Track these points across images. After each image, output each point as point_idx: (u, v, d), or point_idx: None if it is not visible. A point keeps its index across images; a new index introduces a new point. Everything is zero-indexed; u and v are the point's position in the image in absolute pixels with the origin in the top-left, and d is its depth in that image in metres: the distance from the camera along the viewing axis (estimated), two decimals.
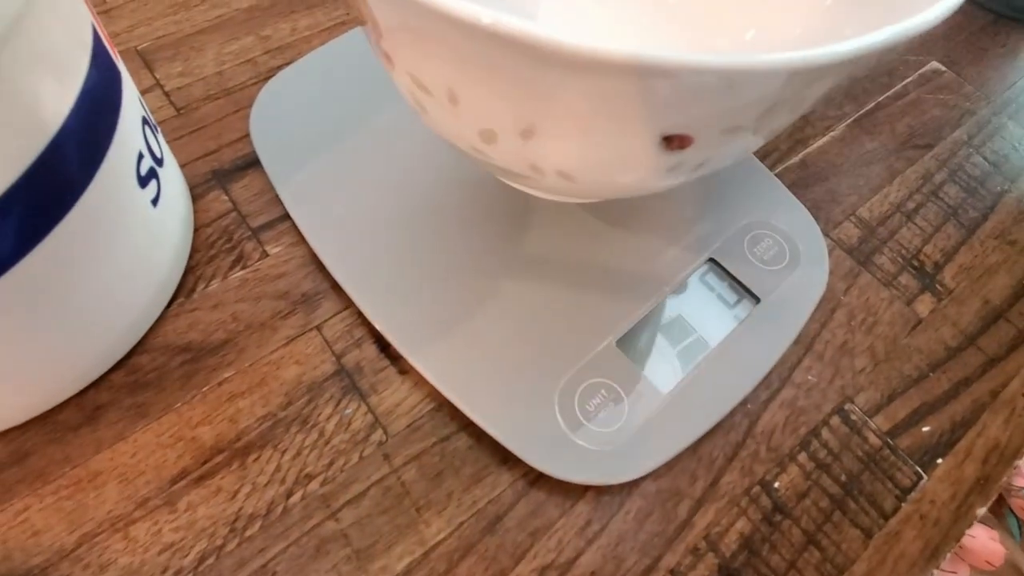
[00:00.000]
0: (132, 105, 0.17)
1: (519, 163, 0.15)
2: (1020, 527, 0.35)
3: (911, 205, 0.26)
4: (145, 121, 0.18)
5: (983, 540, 0.34)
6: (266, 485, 0.18)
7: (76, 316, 0.17)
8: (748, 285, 0.22)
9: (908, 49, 0.32)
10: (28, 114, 0.13)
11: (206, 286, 0.21)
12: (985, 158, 0.28)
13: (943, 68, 0.31)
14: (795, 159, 0.27)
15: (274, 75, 0.26)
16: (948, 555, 0.20)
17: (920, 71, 0.31)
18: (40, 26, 0.13)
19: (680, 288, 0.21)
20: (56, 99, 0.14)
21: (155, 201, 0.18)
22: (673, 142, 0.13)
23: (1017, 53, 0.32)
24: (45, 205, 0.14)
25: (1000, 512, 0.36)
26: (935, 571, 0.19)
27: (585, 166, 0.14)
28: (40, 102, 0.13)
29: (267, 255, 0.22)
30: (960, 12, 0.34)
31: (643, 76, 0.11)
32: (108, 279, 0.17)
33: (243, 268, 0.22)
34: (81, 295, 0.16)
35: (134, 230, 0.18)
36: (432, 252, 0.21)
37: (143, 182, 0.18)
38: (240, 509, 0.18)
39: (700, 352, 0.20)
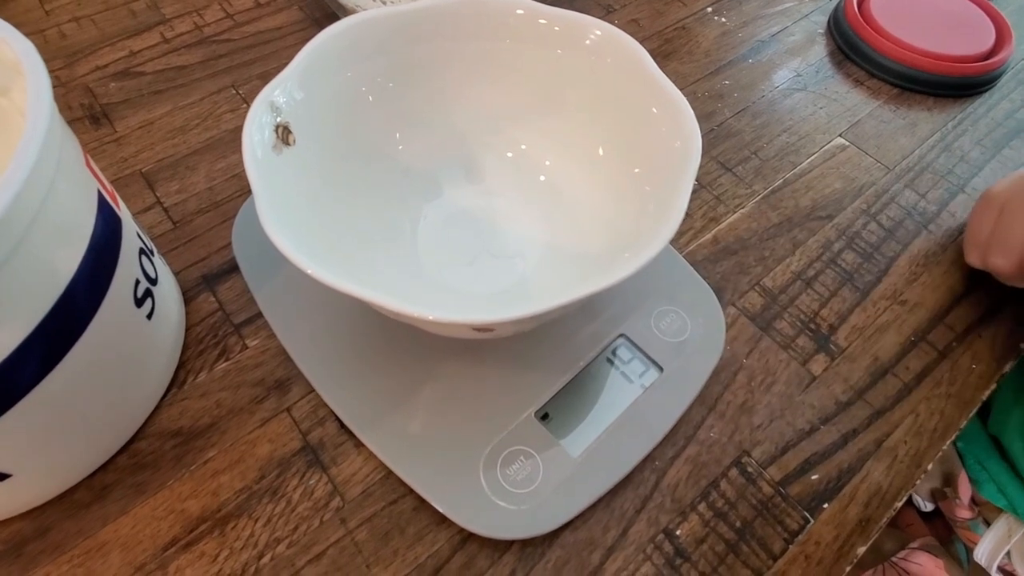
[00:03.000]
0: (131, 242, 0.22)
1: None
2: (968, 555, 0.37)
3: (811, 273, 0.30)
4: (142, 251, 0.23)
5: (930, 568, 0.36)
6: (241, 549, 0.22)
7: (87, 417, 0.21)
8: (653, 357, 0.25)
9: (814, 129, 0.36)
10: (46, 275, 0.17)
11: (195, 378, 0.25)
12: (881, 225, 0.32)
13: (846, 143, 0.35)
14: (707, 236, 0.31)
15: None
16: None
17: (824, 147, 0.35)
18: (57, 204, 0.18)
19: (594, 362, 0.25)
20: (69, 258, 0.18)
21: (150, 315, 0.23)
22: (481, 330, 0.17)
23: (917, 124, 0.36)
24: (59, 338, 0.18)
25: (947, 540, 0.38)
26: None
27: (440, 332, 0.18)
28: (56, 264, 0.18)
29: (247, 347, 0.26)
30: (865, 87, 0.38)
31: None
32: (112, 385, 0.21)
33: (226, 360, 0.26)
34: (90, 400, 0.21)
35: (132, 343, 0.22)
36: (378, 345, 0.25)
37: (139, 303, 0.22)
38: (220, 570, 0.21)
39: (608, 418, 0.24)
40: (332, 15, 0.40)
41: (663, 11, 0.41)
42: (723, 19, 0.41)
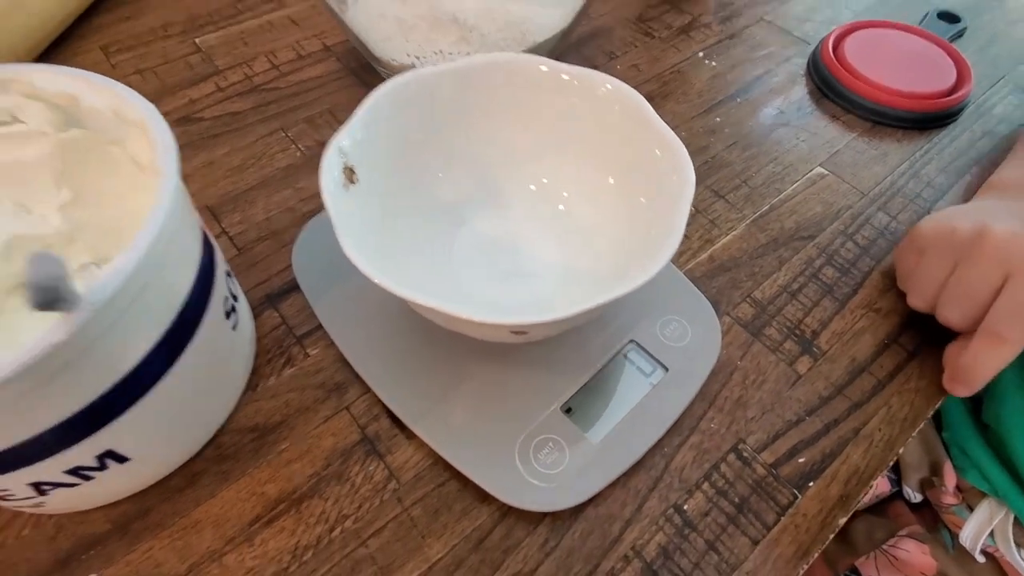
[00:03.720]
0: (220, 265, 0.26)
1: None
2: (953, 540, 0.40)
3: (795, 286, 0.34)
4: (228, 273, 0.27)
5: (916, 555, 0.40)
6: (315, 524, 0.26)
7: (187, 412, 0.25)
8: (660, 359, 0.29)
9: (797, 160, 0.40)
10: (171, 295, 0.22)
11: (266, 382, 0.29)
12: (857, 243, 0.36)
13: (826, 172, 0.40)
14: (704, 255, 0.35)
15: (308, 217, 0.35)
16: (878, 565, 0.26)
17: (806, 175, 0.39)
18: (180, 237, 0.22)
19: (609, 363, 0.29)
20: (185, 281, 0.22)
21: (234, 327, 0.27)
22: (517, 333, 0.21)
23: (888, 154, 0.41)
24: (176, 345, 0.23)
25: (935, 527, 0.42)
26: None
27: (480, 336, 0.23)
28: (177, 286, 0.22)
29: (308, 356, 0.30)
30: (841, 122, 0.43)
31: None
32: (207, 385, 0.25)
33: (291, 367, 0.30)
34: (191, 398, 0.25)
35: (222, 350, 0.26)
36: (423, 349, 0.29)
37: (227, 315, 0.26)
38: (298, 542, 0.25)
39: (623, 411, 0.28)
40: (366, 65, 0.44)
41: (659, 57, 0.46)
42: (713, 63, 0.46)
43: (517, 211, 0.31)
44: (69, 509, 0.25)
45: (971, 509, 0.39)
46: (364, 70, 0.44)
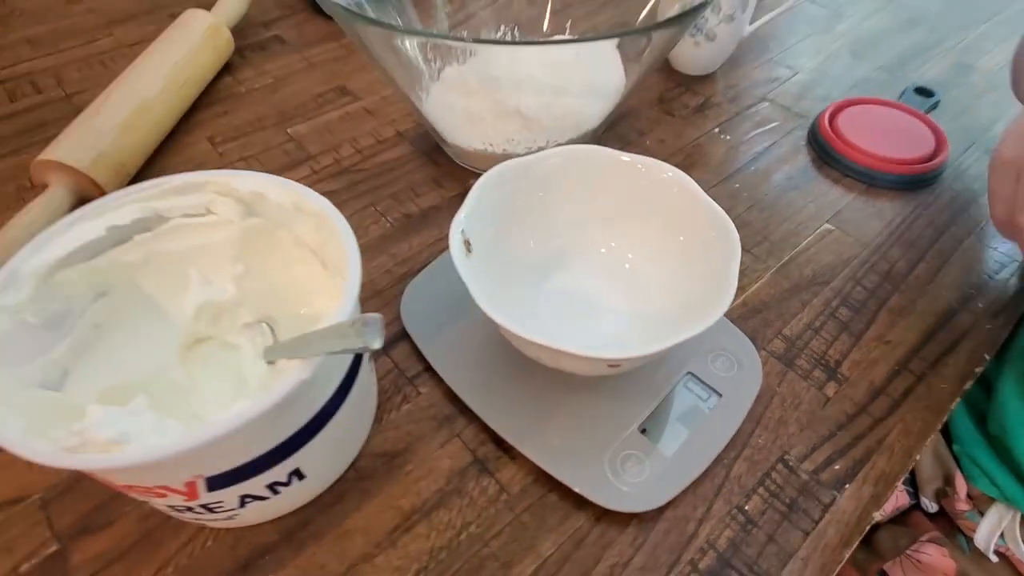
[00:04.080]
0: None
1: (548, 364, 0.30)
2: (968, 544, 0.45)
3: (817, 324, 0.41)
4: None
5: (937, 557, 0.45)
6: (444, 530, 0.31)
7: (346, 439, 0.31)
8: (713, 386, 0.35)
9: (808, 218, 0.48)
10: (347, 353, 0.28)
11: (388, 416, 0.35)
12: (864, 287, 0.43)
13: (832, 227, 0.47)
14: (739, 300, 0.42)
15: (404, 278, 0.41)
16: (904, 568, 0.31)
17: (816, 231, 0.47)
18: None
19: (672, 392, 0.35)
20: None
21: (372, 370, 0.33)
22: (612, 366, 0.28)
23: (883, 211, 0.48)
24: (348, 384, 0.29)
25: (951, 533, 0.47)
26: None
27: (576, 370, 0.29)
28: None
29: (420, 393, 0.37)
30: (841, 185, 0.50)
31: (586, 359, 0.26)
32: (358, 417, 0.31)
33: (407, 403, 0.36)
34: (350, 428, 0.31)
35: (366, 390, 0.32)
36: (523, 382, 0.35)
37: (369, 360, 0.33)
38: (432, 545, 0.31)
39: (688, 430, 0.34)
40: (436, 147, 0.52)
41: (681, 133, 0.54)
42: (727, 136, 0.54)
43: (589, 269, 0.38)
44: (252, 522, 0.31)
45: (982, 514, 0.44)
46: (434, 151, 0.52)
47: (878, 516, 0.33)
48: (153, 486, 0.24)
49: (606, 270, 0.38)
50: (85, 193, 0.44)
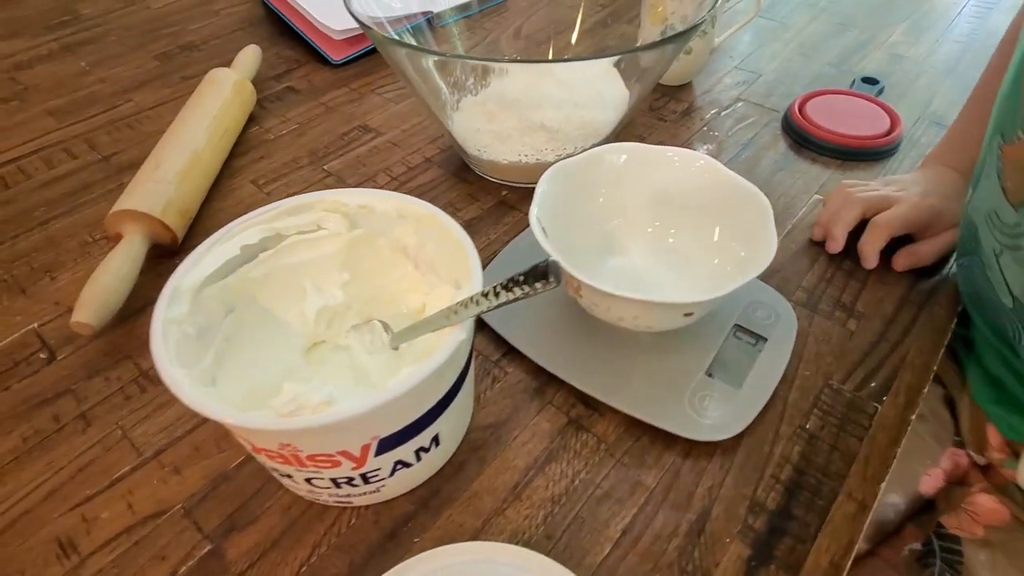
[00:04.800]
0: None
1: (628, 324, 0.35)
2: (1020, 492, 0.50)
3: (828, 275, 0.47)
4: None
5: (990, 504, 0.50)
6: (559, 479, 0.36)
7: (463, 413, 0.35)
8: (760, 332, 0.41)
9: (799, 192, 0.55)
10: (465, 352, 0.33)
11: (486, 394, 0.40)
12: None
13: (820, 198, 0.54)
14: None
15: None
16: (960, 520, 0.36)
17: (808, 202, 0.54)
18: None
19: (726, 341, 0.41)
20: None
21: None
22: (687, 315, 0.34)
23: (859, 178, 0.56)
24: (466, 369, 0.33)
25: (1003, 485, 0.52)
26: None
27: (655, 323, 0.35)
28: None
29: (507, 373, 0.41)
30: (820, 163, 0.58)
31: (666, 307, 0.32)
32: (469, 396, 0.36)
33: (497, 383, 0.40)
34: (466, 403, 0.35)
35: (471, 372, 0.37)
36: (599, 347, 0.40)
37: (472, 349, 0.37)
38: (552, 493, 0.35)
39: (747, 371, 0.39)
40: (463, 166, 0.58)
41: (676, 134, 0.62)
42: (716, 133, 0.62)
43: (640, 247, 0.44)
44: (391, 495, 0.34)
45: (1017, 456, 0.50)
46: (462, 170, 0.57)
47: (913, 417, 0.39)
48: (335, 451, 0.28)
49: (654, 247, 0.44)
50: (157, 238, 0.48)
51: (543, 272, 0.24)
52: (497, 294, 0.26)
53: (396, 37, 0.54)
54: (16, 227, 0.52)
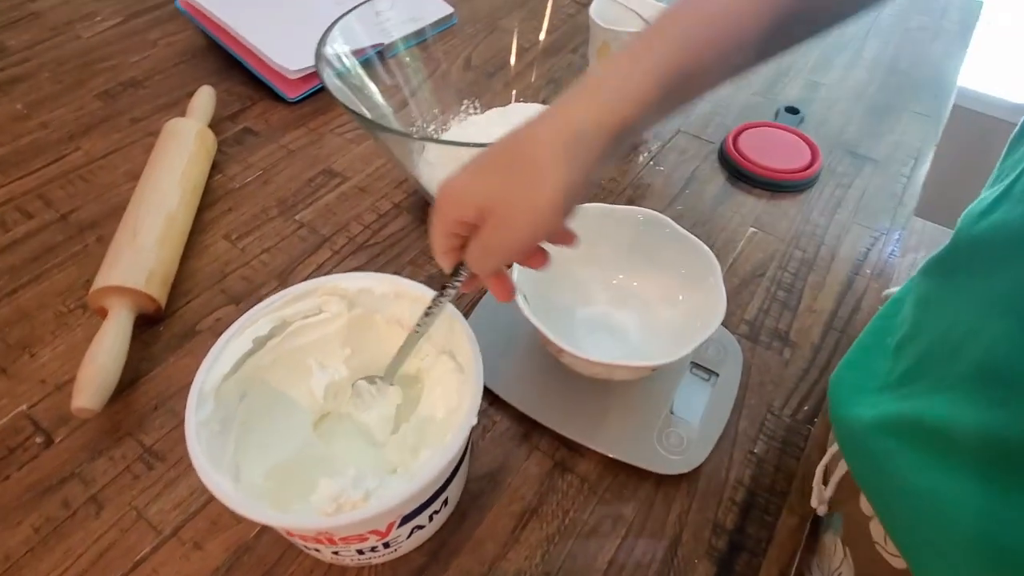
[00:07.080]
0: None
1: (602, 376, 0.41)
2: None
3: (765, 306, 0.54)
4: None
5: None
6: (551, 519, 0.41)
7: (465, 470, 0.39)
8: (712, 368, 0.48)
9: (737, 225, 0.61)
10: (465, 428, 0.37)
11: (479, 445, 0.44)
12: (789, 272, 0.57)
13: (756, 230, 0.61)
14: None
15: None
16: None
17: (746, 234, 0.61)
18: None
19: (684, 380, 0.47)
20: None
21: None
22: (654, 369, 0.39)
23: (787, 211, 0.63)
24: (466, 449, 0.37)
25: None
26: None
27: (627, 376, 0.40)
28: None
29: (495, 422, 0.45)
30: (753, 195, 0.65)
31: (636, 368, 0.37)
32: (466, 459, 0.40)
33: (488, 432, 0.45)
34: (464, 469, 0.39)
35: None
36: (577, 392, 0.45)
37: None
38: (546, 532, 0.40)
39: (703, 405, 0.45)
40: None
41: (626, 170, 0.67)
42: (661, 167, 0.67)
43: (607, 297, 0.49)
44: (405, 551, 0.38)
45: None
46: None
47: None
48: (367, 531, 0.32)
49: (620, 297, 0.49)
50: (142, 309, 0.49)
51: (458, 268, 0.33)
52: (439, 303, 0.35)
53: (350, 84, 0.56)
54: None
